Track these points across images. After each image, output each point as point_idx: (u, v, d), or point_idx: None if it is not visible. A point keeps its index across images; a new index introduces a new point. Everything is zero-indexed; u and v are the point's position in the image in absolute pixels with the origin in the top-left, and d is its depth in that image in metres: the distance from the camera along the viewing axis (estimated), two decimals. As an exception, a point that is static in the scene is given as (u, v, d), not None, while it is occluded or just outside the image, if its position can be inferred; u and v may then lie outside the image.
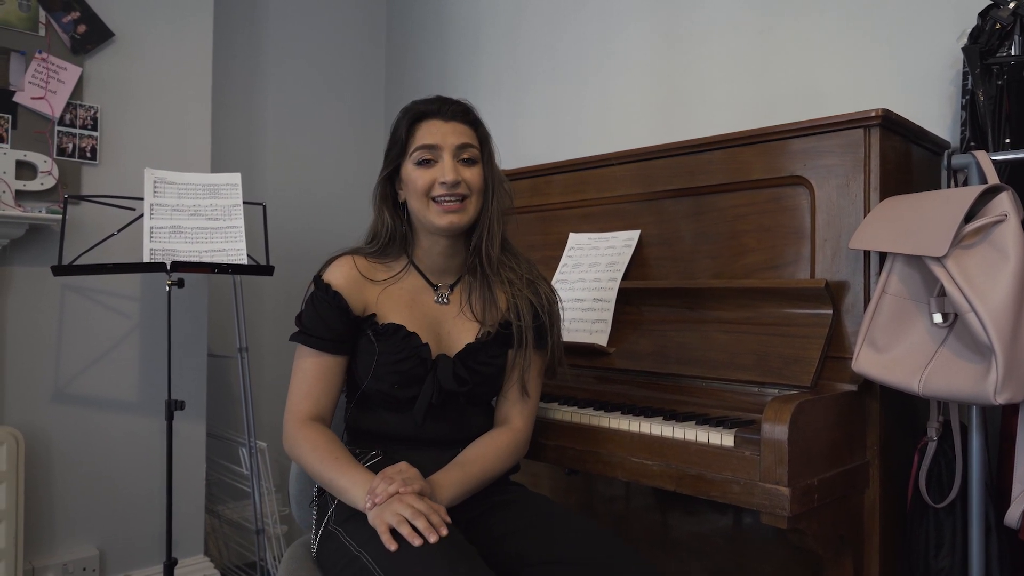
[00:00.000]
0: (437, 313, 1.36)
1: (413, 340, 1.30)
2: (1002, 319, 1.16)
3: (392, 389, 1.29)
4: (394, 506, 1.08)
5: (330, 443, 1.25)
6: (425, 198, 1.30)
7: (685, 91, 2.23)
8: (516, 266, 1.39)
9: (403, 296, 1.35)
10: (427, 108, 1.32)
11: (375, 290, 1.34)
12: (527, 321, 1.35)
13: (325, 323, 1.29)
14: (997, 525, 1.40)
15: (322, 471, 1.22)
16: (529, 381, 1.38)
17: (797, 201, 1.54)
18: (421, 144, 1.30)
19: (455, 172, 1.29)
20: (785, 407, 1.23)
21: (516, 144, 2.69)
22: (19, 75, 2.07)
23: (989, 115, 1.50)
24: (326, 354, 1.30)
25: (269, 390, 2.86)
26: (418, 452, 1.30)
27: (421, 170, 1.30)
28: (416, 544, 1.03)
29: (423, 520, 1.06)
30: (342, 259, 1.35)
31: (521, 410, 1.38)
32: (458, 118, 1.32)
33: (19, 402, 2.08)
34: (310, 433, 1.26)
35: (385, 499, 1.10)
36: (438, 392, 1.29)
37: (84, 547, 2.19)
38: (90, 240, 2.04)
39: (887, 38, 1.83)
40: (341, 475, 1.20)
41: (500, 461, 1.32)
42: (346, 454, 1.24)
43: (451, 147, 1.30)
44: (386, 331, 1.30)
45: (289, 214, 2.91)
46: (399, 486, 1.11)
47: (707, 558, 1.74)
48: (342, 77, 3.17)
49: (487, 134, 1.37)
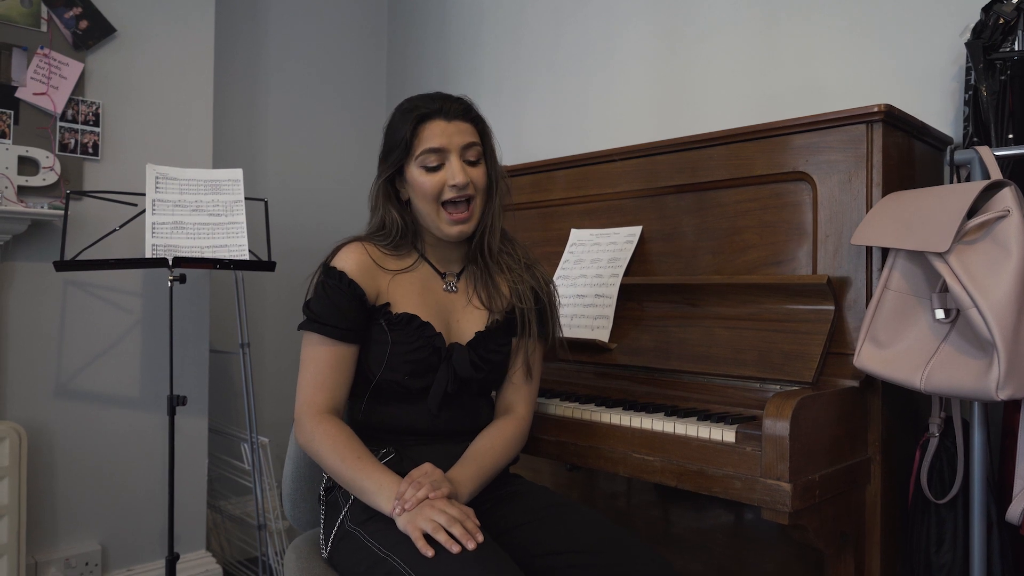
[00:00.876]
0: (447, 301, 1.37)
1: (427, 330, 1.30)
2: (1004, 315, 1.15)
3: (404, 379, 1.28)
4: (426, 511, 1.08)
5: (350, 440, 1.23)
6: (435, 203, 1.30)
7: (687, 87, 2.22)
8: (513, 251, 1.40)
9: (414, 285, 1.35)
10: (429, 108, 1.30)
11: (387, 278, 1.32)
12: (530, 303, 1.36)
13: (339, 311, 1.26)
14: (999, 521, 1.40)
15: (343, 470, 1.20)
16: (533, 364, 1.40)
17: (799, 197, 1.54)
18: (428, 148, 1.28)
19: (464, 174, 1.28)
20: (786, 403, 1.23)
21: (518, 140, 2.69)
22: (21, 71, 2.07)
23: (992, 110, 1.49)
24: (340, 343, 1.27)
25: (271, 386, 2.86)
26: (430, 447, 1.30)
27: (429, 175, 1.29)
28: (455, 551, 1.03)
29: (459, 527, 1.05)
30: (352, 245, 1.32)
31: (524, 396, 1.39)
32: (461, 116, 1.31)
33: (21, 397, 2.09)
34: (329, 428, 1.23)
35: (415, 505, 1.09)
36: (454, 380, 1.29)
37: (86, 542, 2.19)
38: (92, 236, 2.05)
39: (890, 33, 1.82)
40: (365, 477, 1.18)
41: (509, 451, 1.32)
42: (367, 453, 1.22)
43: (457, 148, 1.29)
44: (400, 320, 1.29)
45: (291, 210, 2.91)
46: (428, 490, 1.11)
47: (708, 554, 1.75)
48: (343, 72, 3.17)
49: (488, 129, 1.37)
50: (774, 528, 1.61)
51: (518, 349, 1.38)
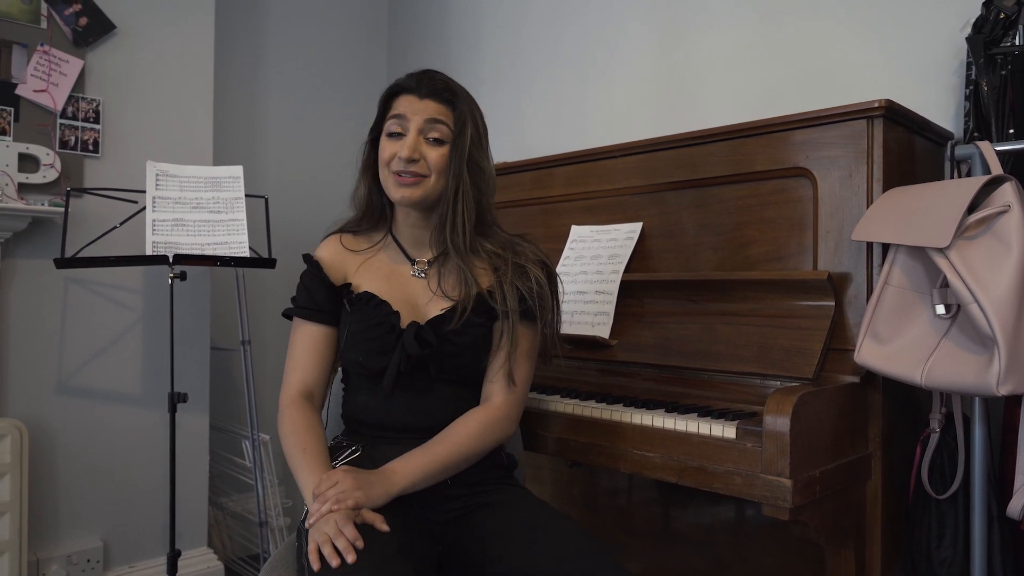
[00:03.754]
0: (413, 286, 1.36)
1: (384, 308, 1.30)
2: (1005, 310, 1.15)
3: (362, 359, 1.29)
4: (320, 526, 1.07)
5: (308, 431, 1.24)
6: (386, 168, 1.31)
7: (688, 82, 2.22)
8: (501, 252, 1.34)
9: (381, 268, 1.36)
10: (407, 83, 1.33)
11: (356, 261, 1.37)
12: (512, 305, 1.30)
13: (310, 294, 1.33)
14: (999, 516, 1.40)
15: (291, 459, 1.23)
16: (516, 366, 1.33)
17: (800, 192, 1.54)
18: (392, 114, 1.31)
19: (412, 148, 1.27)
20: (787, 399, 1.22)
21: (519, 136, 2.68)
22: (21, 68, 2.07)
23: (993, 105, 1.49)
24: (312, 323, 1.32)
25: (272, 382, 2.86)
26: (398, 444, 1.26)
27: (389, 141, 1.30)
28: (333, 564, 1.01)
29: (343, 539, 1.04)
30: (331, 237, 1.40)
31: (503, 388, 1.33)
32: (433, 96, 1.30)
33: (23, 394, 2.09)
34: (294, 413, 1.26)
35: (318, 519, 1.08)
36: (406, 360, 1.26)
37: (88, 539, 2.20)
38: (93, 233, 2.05)
39: (890, 28, 1.82)
40: (303, 470, 1.19)
41: (472, 440, 1.25)
42: (317, 446, 1.22)
43: (418, 123, 1.28)
44: (360, 300, 1.32)
45: (291, 207, 2.91)
46: (332, 504, 1.09)
47: (709, 550, 1.75)
48: (343, 69, 3.17)
49: (467, 115, 1.31)
50: (775, 524, 1.61)
51: (499, 347, 1.32)
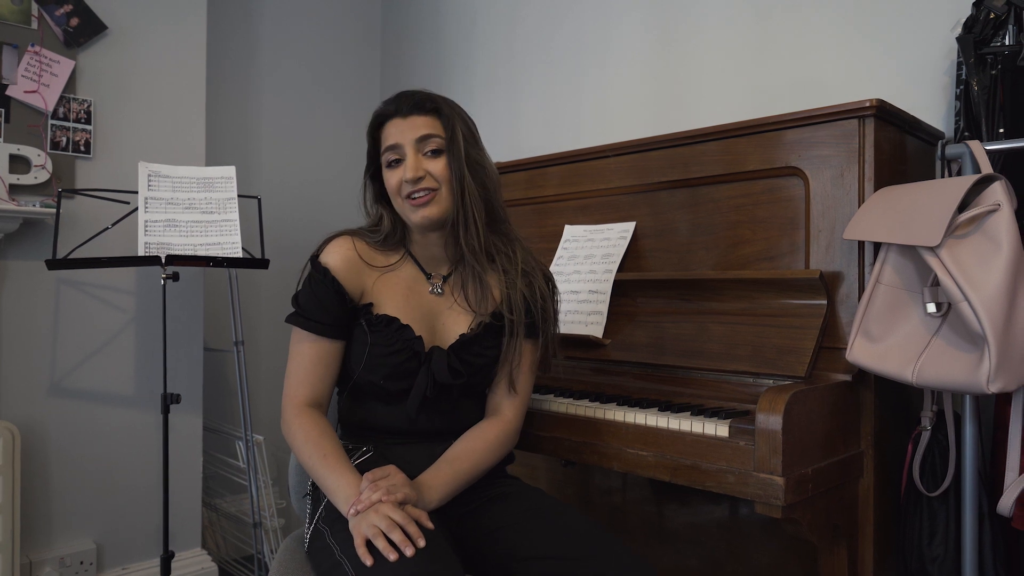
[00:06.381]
0: (432, 304, 1.35)
1: (406, 333, 1.29)
2: (995, 308, 1.16)
3: (382, 382, 1.28)
4: (371, 517, 1.05)
5: (323, 436, 1.23)
6: (399, 197, 1.31)
7: (681, 83, 2.22)
8: (511, 254, 1.36)
9: (399, 285, 1.34)
10: (386, 110, 1.32)
11: (372, 276, 1.32)
12: (519, 315, 1.33)
13: (323, 307, 1.27)
14: (990, 513, 1.41)
15: (312, 466, 1.21)
16: (519, 376, 1.36)
17: (792, 192, 1.55)
18: (386, 147, 1.31)
19: (416, 168, 1.27)
20: (779, 397, 1.23)
21: (513, 137, 2.69)
22: (12, 68, 2.06)
23: (983, 105, 1.50)
24: (322, 339, 1.28)
25: (265, 383, 2.86)
26: (411, 446, 1.29)
27: (391, 171, 1.31)
28: (391, 559, 1.00)
29: (399, 532, 1.03)
30: (341, 239, 1.33)
31: (512, 400, 1.37)
32: (416, 111, 1.30)
33: (14, 396, 2.08)
34: (305, 422, 1.25)
35: (367, 507, 1.08)
36: (432, 385, 1.27)
37: (81, 540, 2.19)
38: (85, 234, 2.04)
39: (881, 28, 1.82)
40: (329, 473, 1.18)
41: (490, 454, 1.30)
42: (337, 450, 1.22)
43: (411, 143, 1.28)
44: (380, 322, 1.29)
45: (284, 207, 2.91)
46: (382, 494, 1.09)
47: (703, 548, 1.75)
48: (337, 69, 3.16)
49: (454, 118, 1.31)
50: (768, 522, 1.62)
51: (504, 357, 1.34)
